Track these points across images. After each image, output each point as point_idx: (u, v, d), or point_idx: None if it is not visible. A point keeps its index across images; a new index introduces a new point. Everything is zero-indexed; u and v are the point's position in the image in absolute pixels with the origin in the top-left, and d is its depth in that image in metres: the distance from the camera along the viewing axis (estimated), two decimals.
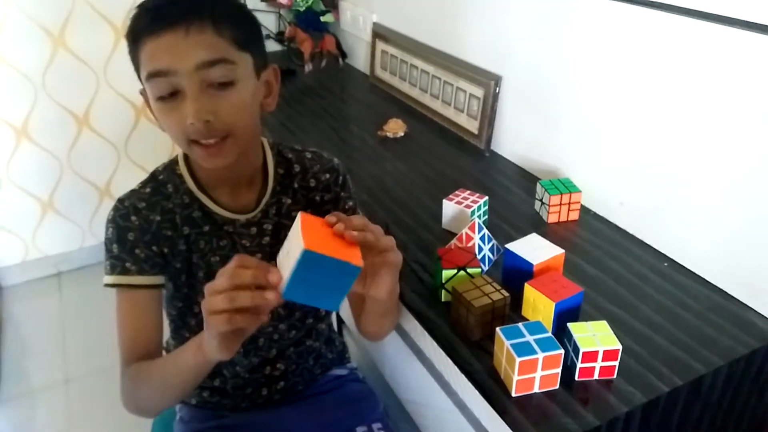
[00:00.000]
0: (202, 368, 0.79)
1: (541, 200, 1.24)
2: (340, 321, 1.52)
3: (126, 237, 0.89)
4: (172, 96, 0.80)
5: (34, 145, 2.18)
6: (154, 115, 0.86)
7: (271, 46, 2.39)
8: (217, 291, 0.67)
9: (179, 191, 0.92)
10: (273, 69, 0.91)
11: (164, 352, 0.98)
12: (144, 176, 0.95)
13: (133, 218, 0.89)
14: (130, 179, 0.96)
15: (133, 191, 0.92)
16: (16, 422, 1.81)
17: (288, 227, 0.98)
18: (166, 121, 0.83)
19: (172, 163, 0.94)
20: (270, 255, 0.97)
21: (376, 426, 1.09)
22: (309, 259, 0.65)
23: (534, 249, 1.01)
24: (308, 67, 2.12)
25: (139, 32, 0.80)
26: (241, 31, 0.82)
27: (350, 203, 1.02)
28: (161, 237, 0.91)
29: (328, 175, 1.00)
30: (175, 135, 0.83)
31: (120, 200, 0.91)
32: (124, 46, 0.84)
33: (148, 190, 0.92)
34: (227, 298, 0.66)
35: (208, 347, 0.73)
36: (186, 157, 0.94)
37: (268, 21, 2.39)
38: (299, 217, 0.69)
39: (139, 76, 0.84)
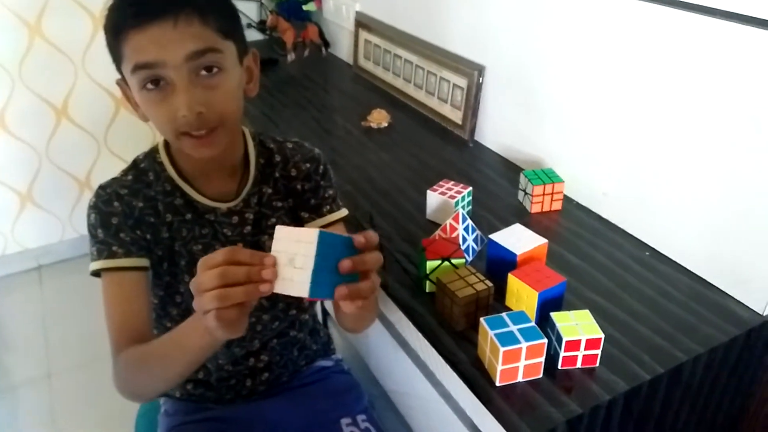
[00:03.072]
0: (211, 348, 0.76)
1: (524, 190, 1.24)
2: (325, 313, 1.52)
3: (110, 221, 0.88)
4: (159, 87, 0.79)
5: (11, 137, 2.14)
6: (134, 106, 0.85)
7: (253, 35, 2.36)
8: (205, 289, 0.64)
9: (160, 179, 0.92)
10: (252, 53, 0.91)
11: None
12: (124, 167, 0.94)
13: (116, 204, 0.89)
14: (110, 171, 0.95)
15: (114, 179, 0.92)
16: None
17: (269, 216, 0.99)
18: (153, 113, 0.82)
19: (153, 152, 0.94)
20: (251, 244, 0.97)
21: (360, 418, 1.09)
22: (324, 241, 0.62)
23: (517, 239, 1.01)
24: (290, 57, 2.11)
25: (121, 25, 0.78)
26: (225, 20, 0.82)
27: (330, 192, 1.02)
28: (144, 223, 0.91)
29: (308, 165, 1.00)
30: (164, 127, 0.83)
31: (101, 187, 0.90)
32: (102, 35, 0.82)
33: (129, 177, 0.92)
34: (219, 278, 0.63)
35: (214, 331, 0.67)
36: (167, 146, 0.94)
37: (250, 10, 2.36)
38: (283, 228, 0.64)
39: (118, 68, 0.83)
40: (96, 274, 0.89)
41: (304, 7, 2.15)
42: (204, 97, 0.80)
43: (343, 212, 1.03)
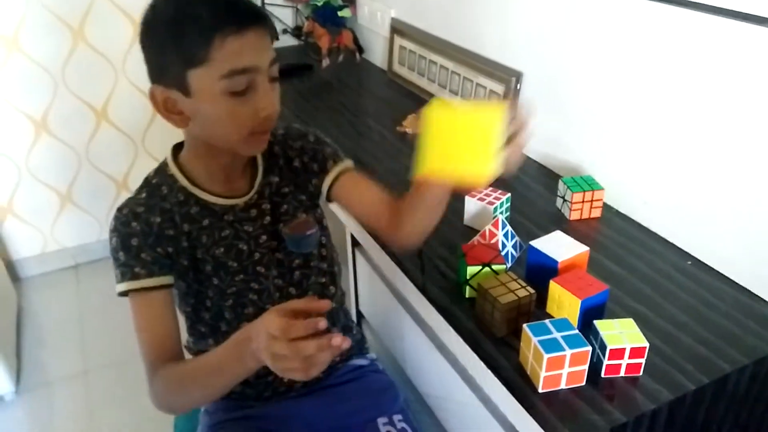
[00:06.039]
0: (251, 372, 0.80)
1: (563, 197, 1.24)
2: (359, 314, 1.54)
3: (130, 243, 0.90)
4: (243, 91, 0.83)
5: (53, 138, 2.20)
6: (166, 113, 0.86)
7: (289, 40, 2.39)
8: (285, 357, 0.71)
9: (173, 190, 0.95)
10: None
11: (184, 350, 0.99)
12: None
13: (134, 224, 0.91)
14: (148, 172, 0.97)
15: (129, 199, 0.94)
16: (35, 413, 1.83)
17: (280, 204, 1.01)
18: (234, 115, 0.84)
19: (163, 166, 0.97)
20: (273, 234, 1.00)
21: (396, 417, 1.10)
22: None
23: (558, 246, 1.01)
24: (325, 62, 2.13)
25: (215, 25, 0.78)
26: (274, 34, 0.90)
27: (328, 150, 1.05)
28: (164, 237, 0.93)
29: (300, 142, 1.05)
30: (240, 127, 0.85)
31: (119, 209, 0.93)
32: None
33: (143, 195, 0.94)
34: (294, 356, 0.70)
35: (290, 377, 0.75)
36: (175, 158, 0.96)
37: (286, 16, 2.39)
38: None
39: (183, 71, 0.80)
40: (123, 294, 0.91)
41: (339, 13, 2.17)
42: (275, 99, 0.88)
43: (348, 163, 1.05)
